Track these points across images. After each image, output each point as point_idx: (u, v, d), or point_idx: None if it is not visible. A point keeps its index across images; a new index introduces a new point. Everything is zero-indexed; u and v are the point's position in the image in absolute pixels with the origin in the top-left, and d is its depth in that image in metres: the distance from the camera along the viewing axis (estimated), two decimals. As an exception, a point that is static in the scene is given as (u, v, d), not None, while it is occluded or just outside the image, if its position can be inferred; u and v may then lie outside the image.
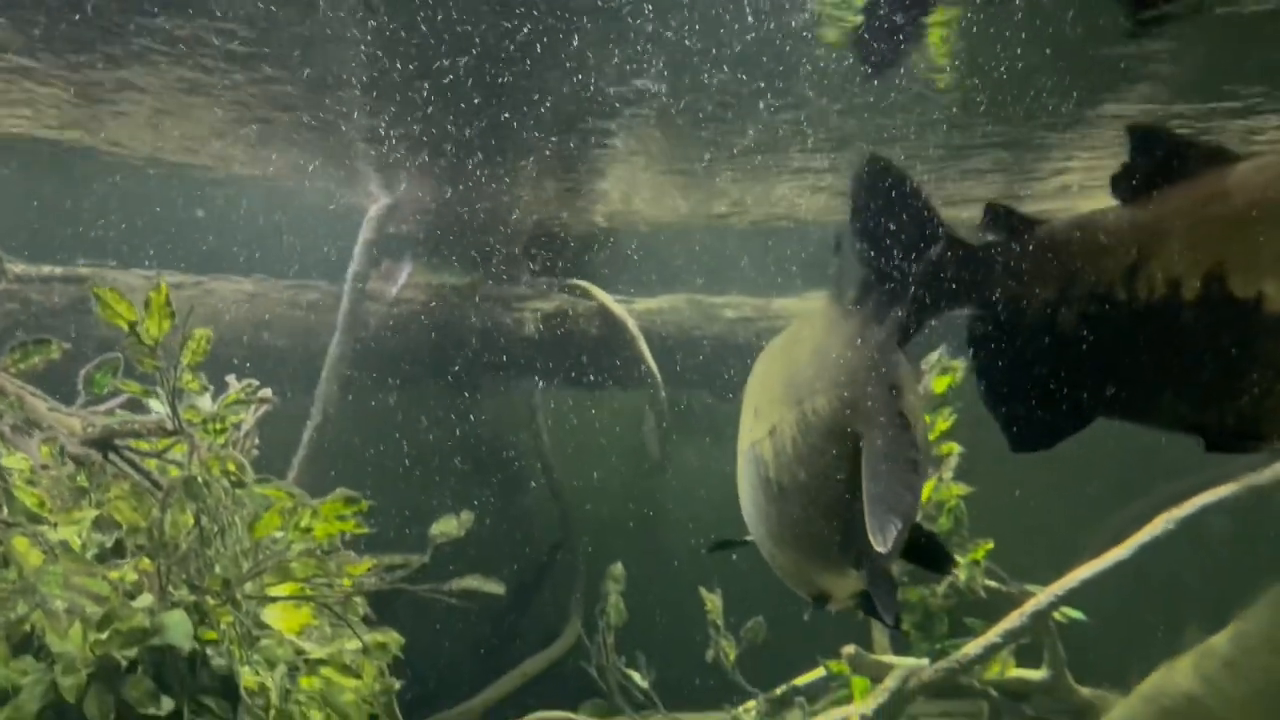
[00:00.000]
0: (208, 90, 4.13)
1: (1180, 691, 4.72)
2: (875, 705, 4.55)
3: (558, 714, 4.59)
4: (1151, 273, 2.18)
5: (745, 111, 4.45)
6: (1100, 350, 2.28)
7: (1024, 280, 2.38)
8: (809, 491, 2.52)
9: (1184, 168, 2.22)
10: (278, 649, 2.70)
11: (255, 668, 2.65)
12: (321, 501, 2.74)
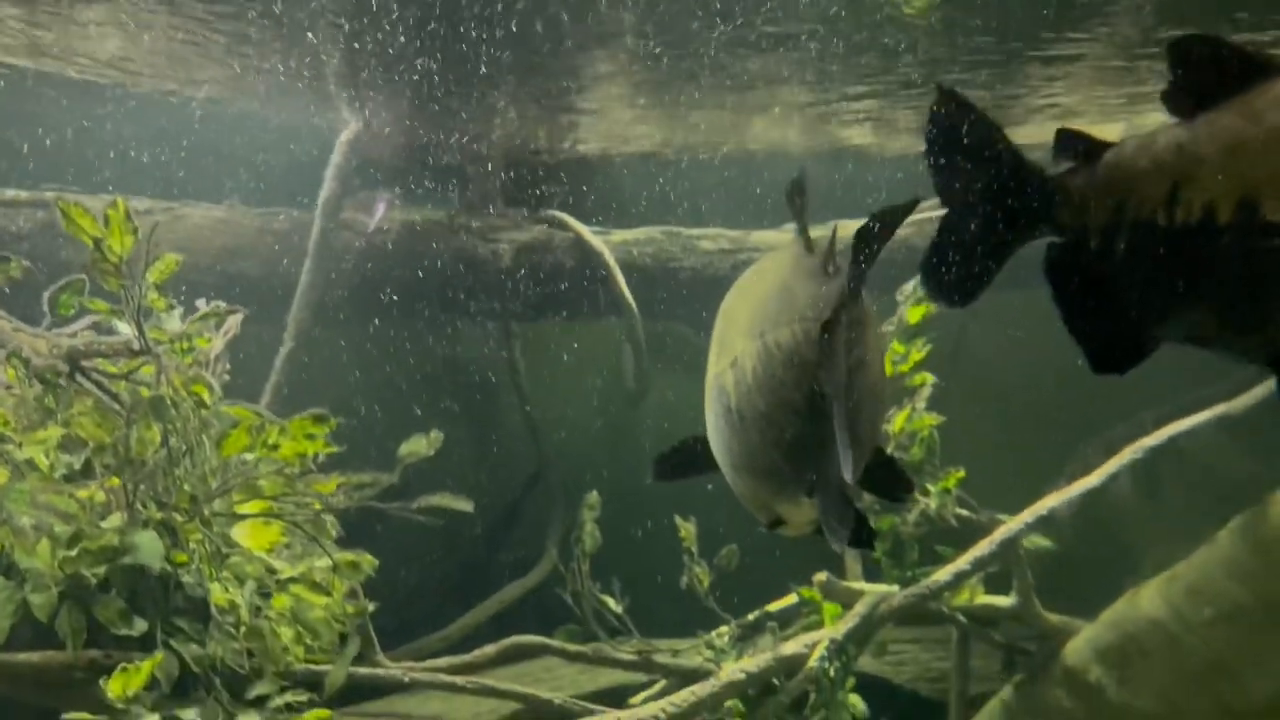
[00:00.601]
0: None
1: (1144, 617, 4.81)
2: (845, 629, 4.63)
3: (533, 638, 4.65)
4: (1226, 190, 2.14)
5: (725, 39, 4.39)
6: (1176, 273, 2.24)
7: (1100, 205, 2.35)
8: (766, 421, 2.59)
9: (1242, 78, 2.16)
10: (247, 566, 2.71)
11: (225, 585, 2.66)
12: (290, 419, 2.73)
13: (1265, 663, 4.57)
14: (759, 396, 2.59)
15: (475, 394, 6.25)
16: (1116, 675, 4.82)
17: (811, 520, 2.60)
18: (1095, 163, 2.33)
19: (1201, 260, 2.13)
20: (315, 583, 2.86)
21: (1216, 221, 2.08)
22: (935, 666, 5.39)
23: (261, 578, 2.79)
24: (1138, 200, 2.21)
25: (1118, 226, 2.23)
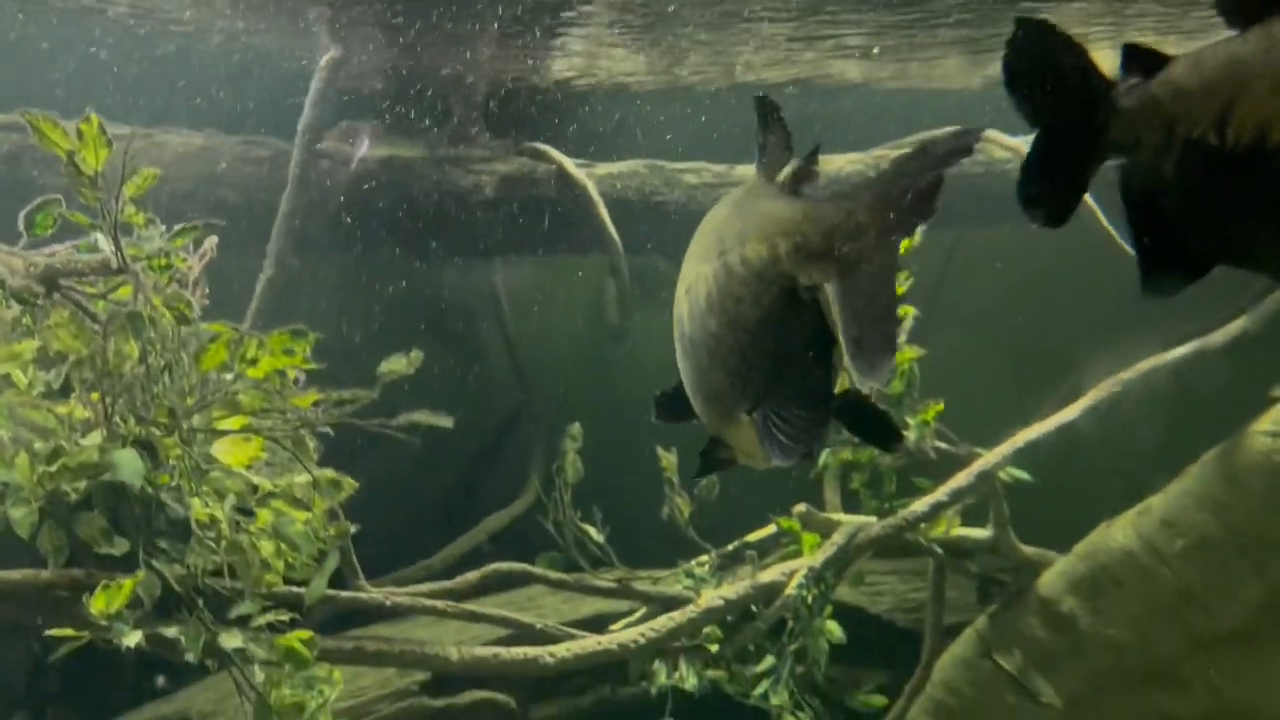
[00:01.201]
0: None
1: (1117, 548, 4.89)
2: (823, 558, 4.70)
3: (515, 565, 4.70)
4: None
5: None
6: (1228, 194, 2.22)
7: (1153, 124, 2.32)
8: (716, 341, 2.55)
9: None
10: (227, 481, 2.72)
11: (205, 500, 2.67)
12: (268, 334, 2.73)
13: (1234, 592, 4.66)
14: (710, 317, 2.55)
15: (458, 327, 6.24)
16: (1089, 605, 4.91)
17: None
18: (1164, 79, 2.29)
19: (1254, 180, 2.11)
20: (295, 498, 2.88)
21: (1269, 140, 2.06)
22: (912, 597, 5.48)
23: (241, 493, 2.80)
24: (1189, 119, 2.18)
25: (1171, 146, 2.21)
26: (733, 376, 2.51)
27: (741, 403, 2.51)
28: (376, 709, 5.00)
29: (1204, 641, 4.71)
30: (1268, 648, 4.62)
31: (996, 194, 5.69)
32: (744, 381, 2.48)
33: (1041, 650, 4.92)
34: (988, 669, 4.99)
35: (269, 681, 3.52)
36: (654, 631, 4.46)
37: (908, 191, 2.30)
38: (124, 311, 2.67)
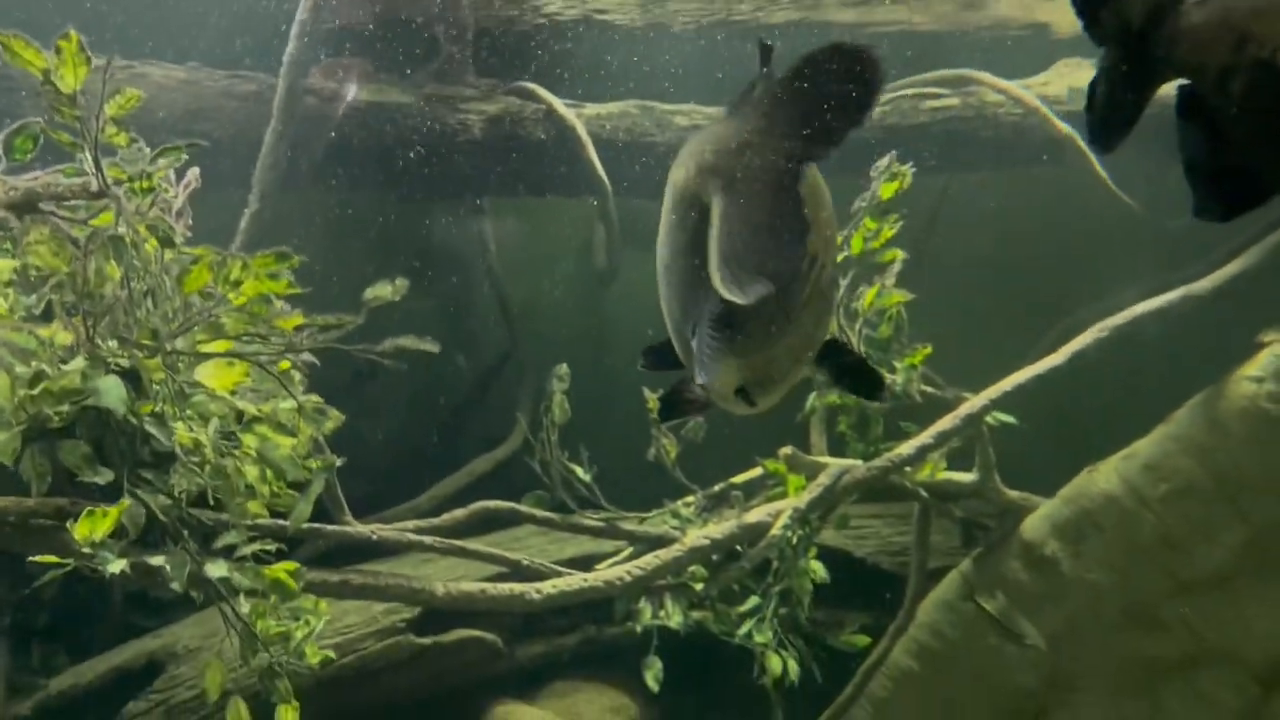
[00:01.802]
0: None
1: (1100, 492, 4.93)
2: (808, 499, 4.72)
3: (502, 503, 4.70)
4: None
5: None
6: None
7: (1215, 43, 2.26)
8: (665, 268, 2.52)
9: None
10: (211, 405, 2.70)
11: (189, 424, 2.65)
12: (252, 255, 2.69)
13: (1214, 536, 4.71)
14: (662, 245, 2.51)
15: (444, 269, 6.19)
16: (1071, 549, 4.96)
17: (724, 381, 2.44)
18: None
19: None
20: (280, 424, 2.86)
21: None
22: (896, 541, 5.51)
23: (226, 418, 2.78)
24: (1263, 37, 2.13)
25: (1240, 66, 2.15)
26: (681, 302, 2.43)
27: (689, 329, 2.42)
28: (363, 646, 5.03)
29: (1184, 585, 4.76)
30: (1246, 592, 4.67)
31: (987, 139, 5.67)
32: (690, 307, 2.39)
33: (1023, 593, 4.97)
34: (970, 611, 5.05)
35: (254, 612, 3.52)
36: (639, 569, 4.48)
37: (793, 112, 2.21)
38: (105, 232, 2.62)
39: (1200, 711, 4.75)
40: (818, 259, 2.32)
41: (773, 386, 2.44)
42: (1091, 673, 4.94)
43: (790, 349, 2.38)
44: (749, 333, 2.30)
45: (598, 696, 5.29)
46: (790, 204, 2.21)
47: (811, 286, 2.31)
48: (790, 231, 2.23)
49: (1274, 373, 4.57)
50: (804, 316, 2.35)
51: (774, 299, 2.21)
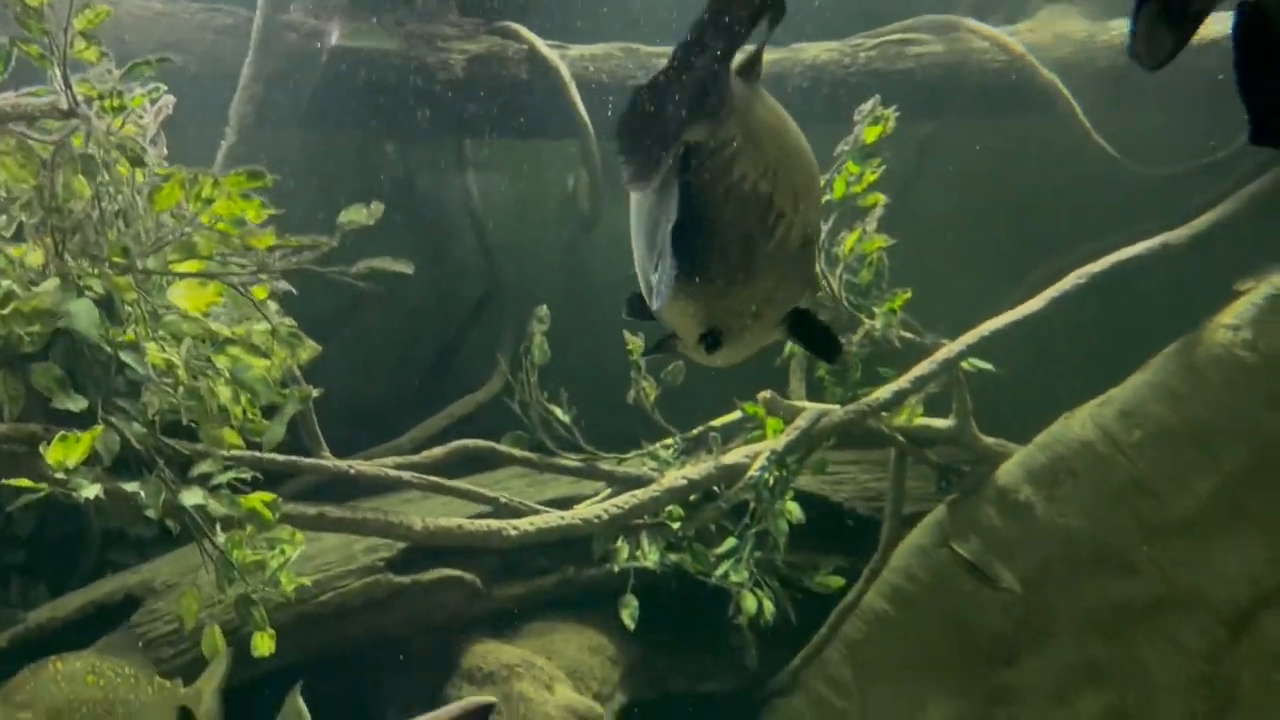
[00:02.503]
0: None
1: (1075, 439, 4.97)
2: (786, 441, 4.74)
3: (481, 442, 4.71)
4: None
5: None
6: None
7: None
8: (634, 208, 2.55)
9: None
10: (183, 325, 2.68)
11: (161, 345, 2.63)
12: (224, 174, 2.66)
13: (1186, 483, 4.76)
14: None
15: (424, 209, 6.15)
16: (1045, 494, 5.01)
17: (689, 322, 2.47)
18: None
19: None
20: (254, 345, 2.84)
21: None
22: (873, 486, 5.55)
23: (198, 338, 2.77)
24: None
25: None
26: (647, 239, 2.44)
27: (653, 266, 2.41)
28: (342, 584, 5.04)
29: (1155, 530, 4.82)
30: (1217, 537, 4.73)
31: (973, 86, 5.64)
32: (654, 244, 2.39)
33: (997, 538, 5.03)
34: (945, 556, 5.10)
35: (230, 542, 3.53)
36: (617, 508, 4.50)
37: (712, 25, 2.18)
38: (77, 154, 2.58)
39: (1168, 654, 4.83)
40: (784, 216, 2.35)
41: (734, 338, 2.45)
42: (1063, 616, 5.01)
43: (752, 302, 2.40)
44: (707, 274, 2.31)
45: (576, 636, 5.33)
46: (715, 105, 2.21)
47: (777, 243, 2.34)
48: (723, 142, 2.25)
49: (1250, 320, 4.60)
50: (768, 272, 2.37)
51: (733, 245, 2.29)
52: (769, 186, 2.32)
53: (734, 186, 2.28)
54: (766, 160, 2.32)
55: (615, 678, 5.32)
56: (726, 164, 2.26)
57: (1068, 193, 5.59)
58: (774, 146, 2.37)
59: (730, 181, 2.27)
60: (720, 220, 2.29)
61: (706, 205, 2.26)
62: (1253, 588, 4.66)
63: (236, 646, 3.97)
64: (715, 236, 2.30)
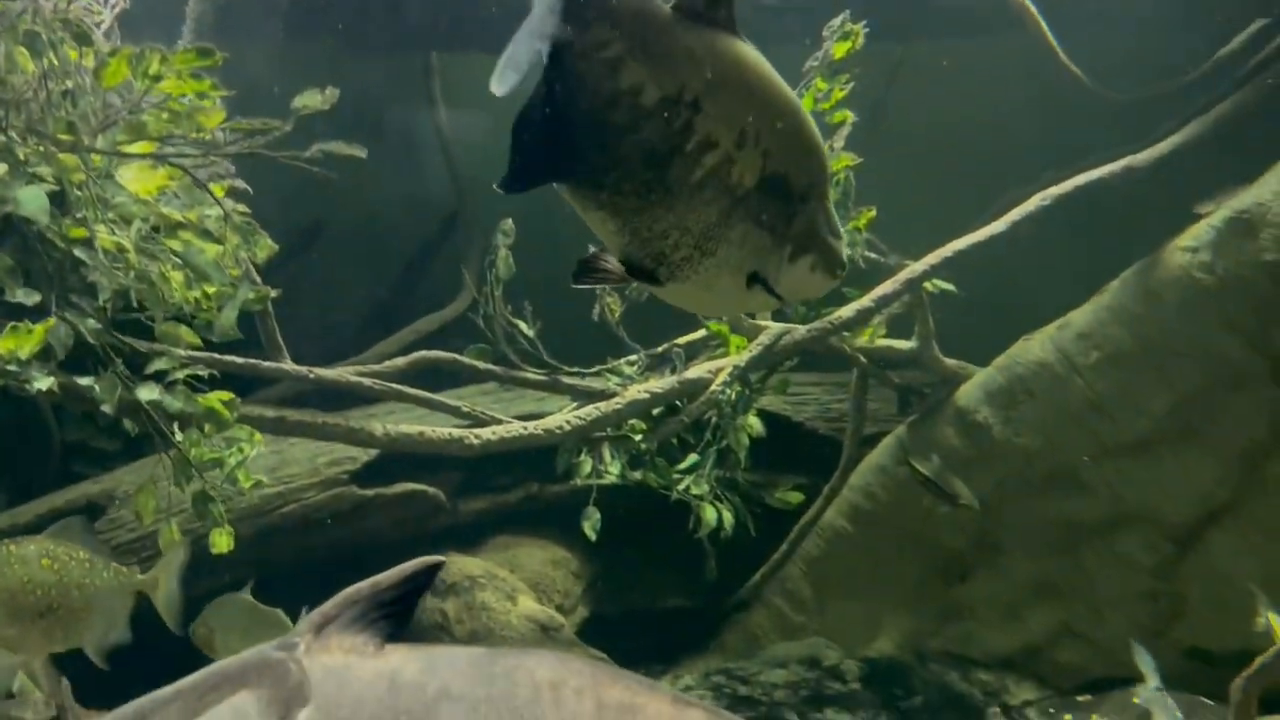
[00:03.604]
0: None
1: (1033, 360, 5.04)
2: (748, 358, 4.77)
3: (443, 353, 4.70)
4: None
5: None
6: None
7: None
8: None
9: None
10: (132, 207, 2.64)
11: (111, 228, 2.60)
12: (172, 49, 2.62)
13: (1140, 403, 4.84)
14: None
15: (391, 125, 6.07)
16: (1003, 415, 5.08)
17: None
18: None
19: None
20: (206, 231, 2.82)
21: None
22: (834, 407, 5.61)
23: (148, 220, 2.73)
24: None
25: None
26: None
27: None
28: (305, 496, 5.08)
29: (1108, 449, 4.91)
30: (1166, 456, 4.82)
31: (942, 6, 5.61)
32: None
33: (955, 458, 5.10)
34: (903, 475, 5.17)
35: (188, 440, 3.53)
36: (579, 419, 4.53)
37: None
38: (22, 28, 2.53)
39: (1118, 570, 4.94)
40: (715, 146, 2.38)
41: (676, 272, 2.47)
42: (1017, 534, 5.11)
43: (679, 228, 2.43)
44: (596, 178, 2.38)
45: (539, 550, 5.39)
46: (579, 8, 2.29)
47: (707, 172, 2.38)
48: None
49: (1208, 243, 4.64)
50: (697, 201, 2.40)
51: (630, 156, 2.33)
52: (689, 112, 2.36)
53: (622, 95, 2.32)
54: (683, 84, 2.35)
55: (578, 591, 5.40)
56: (608, 70, 2.31)
57: (1037, 116, 5.59)
58: (704, 77, 2.38)
59: (616, 89, 2.32)
60: (605, 125, 2.34)
61: (580, 105, 2.32)
62: (1200, 506, 4.76)
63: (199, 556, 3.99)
64: (600, 140, 2.34)
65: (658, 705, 1.83)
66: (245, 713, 1.70)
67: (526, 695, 1.79)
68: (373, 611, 1.90)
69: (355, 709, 1.74)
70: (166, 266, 2.76)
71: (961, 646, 5.18)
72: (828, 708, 4.87)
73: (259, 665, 1.80)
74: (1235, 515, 4.69)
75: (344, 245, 6.07)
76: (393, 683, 1.79)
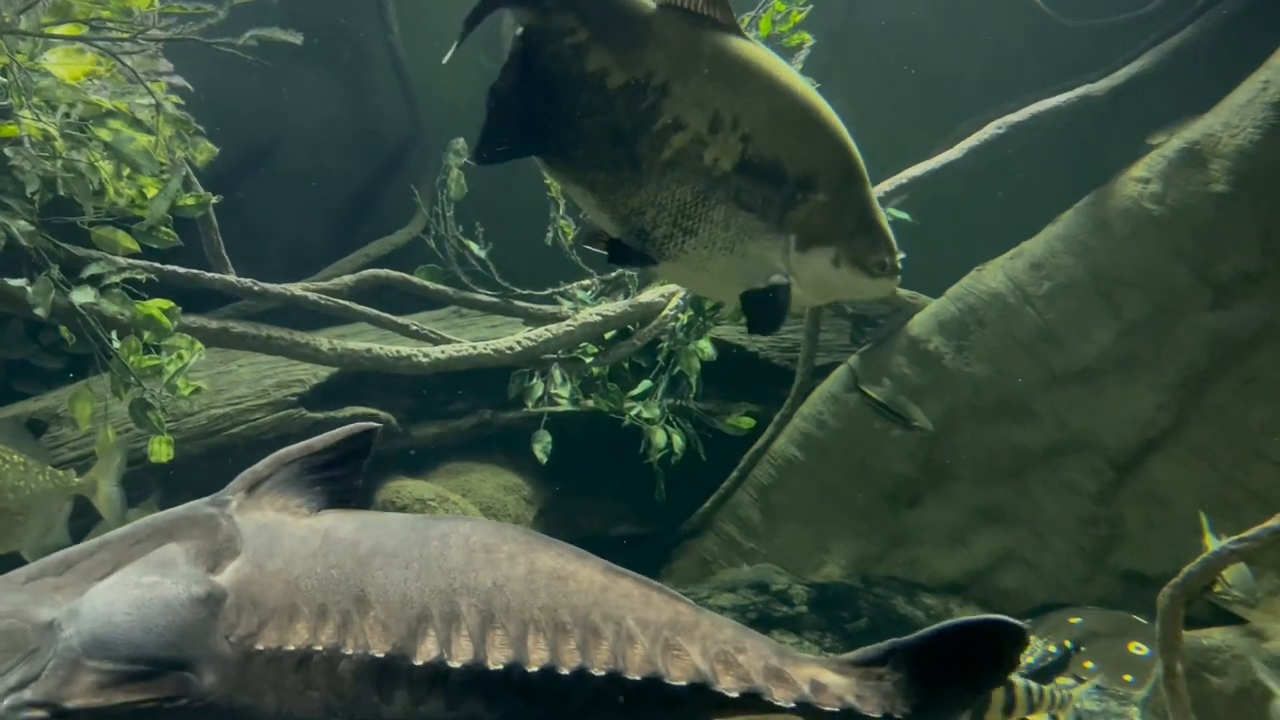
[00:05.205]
0: None
1: (986, 290, 5.06)
2: (702, 281, 4.75)
3: (393, 272, 4.65)
4: None
5: None
6: None
7: None
8: None
9: None
10: (58, 92, 2.57)
11: (36, 113, 2.52)
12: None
13: (1088, 332, 4.89)
14: None
15: (345, 51, 5.94)
16: (954, 344, 5.11)
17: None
18: None
19: None
20: (137, 120, 2.74)
21: None
22: (788, 337, 5.61)
23: (76, 110, 2.65)
24: None
25: None
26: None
27: None
28: (254, 417, 5.02)
29: (1057, 377, 4.96)
30: (1111, 384, 4.88)
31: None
32: None
33: (906, 386, 5.13)
34: (854, 401, 5.20)
35: (127, 348, 3.47)
36: (530, 340, 4.50)
37: None
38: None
39: (1062, 495, 5.02)
40: (684, 128, 2.52)
41: (654, 246, 2.60)
42: (965, 462, 5.17)
43: (653, 205, 2.56)
44: (568, 154, 2.55)
45: (491, 476, 5.38)
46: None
47: (674, 151, 2.52)
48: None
49: (1159, 173, 4.67)
50: (666, 178, 2.54)
51: (598, 135, 2.50)
52: (655, 95, 2.51)
53: (588, 77, 2.49)
54: (650, 69, 2.51)
55: (529, 517, 5.40)
56: (575, 54, 2.49)
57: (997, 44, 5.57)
58: (675, 64, 2.52)
59: (583, 71, 2.49)
60: (573, 104, 2.50)
61: (548, 85, 2.49)
62: (1142, 432, 4.84)
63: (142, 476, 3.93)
64: (567, 117, 2.50)
65: (589, 572, 1.84)
66: (173, 562, 1.69)
67: (460, 558, 1.80)
68: (308, 475, 1.90)
69: (287, 563, 1.73)
70: (95, 155, 2.68)
71: (908, 571, 5.25)
72: (774, 630, 4.92)
73: (188, 519, 1.78)
74: (1174, 441, 4.77)
75: (297, 170, 5.97)
76: (326, 539, 1.78)
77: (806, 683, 1.75)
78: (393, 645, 1.67)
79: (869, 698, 1.77)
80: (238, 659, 1.63)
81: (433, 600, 1.73)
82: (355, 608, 1.70)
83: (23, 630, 1.55)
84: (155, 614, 1.60)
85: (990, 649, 1.84)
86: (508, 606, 1.73)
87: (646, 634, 1.76)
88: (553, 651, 1.69)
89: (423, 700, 1.66)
